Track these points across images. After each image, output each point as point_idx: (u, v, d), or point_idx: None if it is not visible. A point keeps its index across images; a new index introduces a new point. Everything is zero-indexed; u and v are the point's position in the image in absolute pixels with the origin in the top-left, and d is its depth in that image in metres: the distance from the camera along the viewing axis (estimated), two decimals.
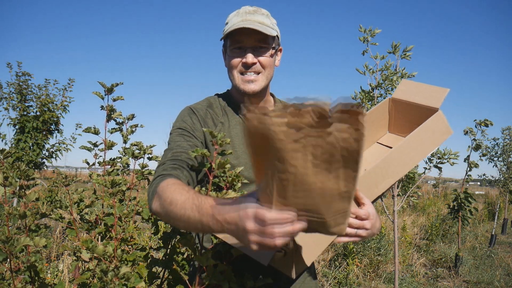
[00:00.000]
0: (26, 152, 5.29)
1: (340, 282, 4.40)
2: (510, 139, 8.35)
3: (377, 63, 3.46)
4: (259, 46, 1.15)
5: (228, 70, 1.20)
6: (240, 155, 1.16)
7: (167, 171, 1.00)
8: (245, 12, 1.17)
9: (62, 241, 4.75)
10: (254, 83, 1.17)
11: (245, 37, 1.14)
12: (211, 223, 0.74)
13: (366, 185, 0.96)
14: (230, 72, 1.19)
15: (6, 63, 5.46)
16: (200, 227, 0.78)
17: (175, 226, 0.90)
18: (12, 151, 1.44)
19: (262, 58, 1.16)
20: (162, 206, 0.89)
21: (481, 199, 14.26)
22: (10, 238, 1.03)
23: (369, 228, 0.91)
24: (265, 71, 1.18)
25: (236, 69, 1.17)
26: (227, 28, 1.16)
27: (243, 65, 1.15)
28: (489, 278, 4.97)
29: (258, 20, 1.14)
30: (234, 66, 1.17)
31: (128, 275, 0.87)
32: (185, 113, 1.20)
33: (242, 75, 1.17)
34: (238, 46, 1.15)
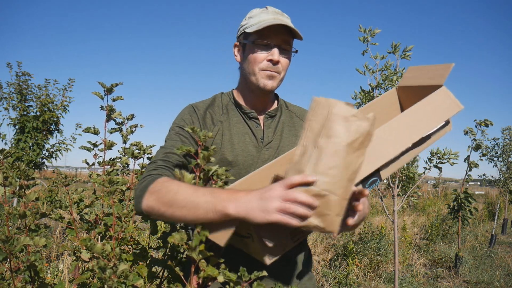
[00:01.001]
0: (26, 152, 5.29)
1: (340, 282, 4.41)
2: (510, 139, 8.35)
3: (377, 63, 3.46)
4: (283, 46, 1.16)
5: (248, 64, 1.17)
6: (238, 153, 1.16)
7: (157, 171, 1.01)
8: (274, 11, 1.17)
9: (62, 241, 4.75)
10: (273, 81, 1.16)
11: (274, 34, 1.14)
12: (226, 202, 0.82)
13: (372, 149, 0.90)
14: (251, 66, 1.17)
15: (6, 63, 5.47)
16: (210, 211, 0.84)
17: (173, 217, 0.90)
18: (12, 151, 1.45)
19: (284, 59, 1.16)
20: (160, 199, 0.91)
21: (481, 199, 14.26)
22: (10, 237, 1.03)
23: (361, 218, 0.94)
24: (282, 72, 1.18)
25: (259, 64, 1.15)
26: (255, 22, 1.15)
27: (269, 61, 1.14)
28: (489, 278, 4.97)
29: (287, 22, 1.14)
30: (258, 61, 1.15)
31: (126, 272, 0.87)
32: (186, 111, 1.21)
33: (264, 71, 1.16)
34: (266, 43, 1.14)
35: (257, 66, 1.15)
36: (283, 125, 1.26)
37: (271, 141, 1.21)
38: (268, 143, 1.20)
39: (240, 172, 1.13)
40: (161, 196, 0.91)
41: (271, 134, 1.22)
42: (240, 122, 1.21)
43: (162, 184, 0.94)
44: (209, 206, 0.84)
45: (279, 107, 1.28)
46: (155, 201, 0.92)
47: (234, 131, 1.19)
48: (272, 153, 1.19)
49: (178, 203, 0.88)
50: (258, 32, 1.14)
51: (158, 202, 0.92)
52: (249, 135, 1.20)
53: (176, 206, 0.88)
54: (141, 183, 0.99)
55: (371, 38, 3.41)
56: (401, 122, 0.98)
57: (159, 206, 0.91)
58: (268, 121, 1.24)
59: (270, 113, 1.24)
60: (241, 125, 1.21)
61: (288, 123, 1.27)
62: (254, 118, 1.22)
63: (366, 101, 3.54)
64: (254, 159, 1.16)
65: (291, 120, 1.28)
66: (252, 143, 1.18)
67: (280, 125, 1.25)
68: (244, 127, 1.21)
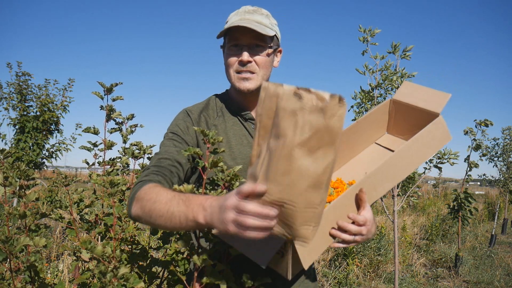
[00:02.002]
0: (26, 152, 5.29)
1: (340, 282, 4.40)
2: (510, 139, 8.35)
3: (377, 63, 3.46)
4: (255, 44, 1.15)
5: (225, 68, 1.20)
6: (237, 156, 1.15)
7: (148, 177, 1.01)
8: (244, 11, 1.17)
9: (62, 241, 4.75)
10: (249, 82, 1.16)
11: (241, 35, 1.14)
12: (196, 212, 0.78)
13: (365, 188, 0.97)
14: (227, 70, 1.19)
15: (6, 63, 5.47)
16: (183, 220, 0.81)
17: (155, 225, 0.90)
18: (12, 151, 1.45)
19: (258, 57, 1.15)
20: (143, 208, 0.90)
21: (481, 199, 14.25)
22: (10, 238, 1.03)
23: (365, 234, 0.96)
24: (260, 70, 1.16)
25: (232, 67, 1.16)
26: (226, 26, 1.16)
27: (239, 63, 1.15)
28: (489, 278, 4.97)
29: (256, 20, 1.14)
30: (231, 64, 1.16)
31: (127, 275, 0.87)
32: (179, 117, 1.20)
33: (238, 73, 1.16)
34: (235, 44, 1.15)
35: (232, 69, 1.17)
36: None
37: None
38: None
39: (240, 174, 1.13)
40: (143, 205, 0.91)
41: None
42: (236, 124, 1.21)
43: (146, 192, 0.93)
44: (182, 216, 0.81)
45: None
46: (140, 209, 0.92)
47: (231, 133, 1.19)
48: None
49: (156, 213, 0.87)
50: (227, 35, 1.16)
51: (142, 210, 0.91)
52: (246, 137, 1.19)
53: (155, 215, 0.87)
54: (132, 190, 0.99)
55: (371, 38, 3.41)
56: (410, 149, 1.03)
57: (143, 215, 0.91)
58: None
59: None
60: (237, 127, 1.20)
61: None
62: (250, 119, 1.21)
63: (366, 101, 3.54)
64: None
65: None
66: (249, 145, 1.18)
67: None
68: (241, 129, 1.20)
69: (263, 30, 1.12)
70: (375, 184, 0.99)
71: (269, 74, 1.21)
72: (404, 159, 1.04)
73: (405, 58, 3.38)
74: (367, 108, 3.55)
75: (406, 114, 1.21)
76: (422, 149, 1.06)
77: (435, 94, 1.13)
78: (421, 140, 1.05)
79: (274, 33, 1.18)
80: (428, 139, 1.06)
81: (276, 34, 1.20)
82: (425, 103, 1.13)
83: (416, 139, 1.04)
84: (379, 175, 1.00)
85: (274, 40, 1.20)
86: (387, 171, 1.01)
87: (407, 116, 1.20)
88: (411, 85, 1.23)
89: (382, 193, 1.03)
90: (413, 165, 1.06)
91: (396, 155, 1.02)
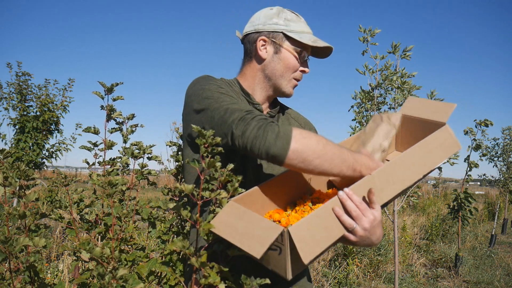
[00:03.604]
0: (26, 152, 5.29)
1: (340, 282, 4.40)
2: (510, 139, 8.35)
3: (377, 63, 3.46)
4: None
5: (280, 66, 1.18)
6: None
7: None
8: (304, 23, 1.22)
9: (62, 241, 4.75)
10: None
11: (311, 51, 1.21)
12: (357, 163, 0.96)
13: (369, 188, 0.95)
14: (284, 71, 1.18)
15: (6, 63, 5.46)
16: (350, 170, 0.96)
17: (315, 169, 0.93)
18: (12, 151, 1.45)
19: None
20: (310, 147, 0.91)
21: (481, 199, 14.25)
22: (9, 238, 1.03)
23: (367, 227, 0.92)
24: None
25: (293, 73, 1.19)
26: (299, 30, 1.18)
27: (302, 71, 1.21)
28: (489, 278, 4.97)
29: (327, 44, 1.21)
30: (293, 69, 1.19)
31: (126, 276, 0.86)
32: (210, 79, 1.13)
33: (296, 80, 1.21)
34: (301, 52, 1.18)
35: (292, 73, 1.19)
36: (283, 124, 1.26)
37: None
38: None
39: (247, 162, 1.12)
40: (312, 144, 0.92)
41: None
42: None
43: (309, 134, 0.94)
44: (351, 163, 0.95)
45: (279, 108, 1.29)
46: (305, 146, 0.91)
47: None
48: None
49: (328, 155, 0.92)
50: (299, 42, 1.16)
51: (308, 149, 0.91)
52: None
53: (325, 157, 0.92)
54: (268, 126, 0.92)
55: (371, 38, 3.41)
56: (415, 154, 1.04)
57: (308, 153, 0.91)
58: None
59: (271, 113, 1.25)
60: None
61: (286, 124, 1.28)
62: (260, 111, 1.20)
63: (366, 101, 3.54)
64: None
65: (288, 121, 1.30)
66: None
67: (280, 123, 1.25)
68: None
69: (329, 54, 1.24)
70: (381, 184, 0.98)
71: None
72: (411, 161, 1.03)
73: (405, 58, 3.38)
74: (367, 108, 3.55)
75: (413, 127, 1.22)
76: (429, 154, 1.06)
77: (440, 105, 1.15)
78: (428, 145, 1.05)
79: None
80: (435, 144, 1.06)
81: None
82: (431, 114, 1.15)
83: (422, 143, 1.04)
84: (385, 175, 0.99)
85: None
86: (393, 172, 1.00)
87: (414, 130, 1.21)
88: (415, 99, 1.25)
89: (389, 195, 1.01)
90: (421, 169, 1.06)
91: (402, 156, 1.02)
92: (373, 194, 0.94)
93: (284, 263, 0.85)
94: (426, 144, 1.05)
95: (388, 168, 1.00)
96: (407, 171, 1.03)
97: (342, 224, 0.90)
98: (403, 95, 3.31)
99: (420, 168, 1.06)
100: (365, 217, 0.92)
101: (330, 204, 0.90)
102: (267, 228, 0.82)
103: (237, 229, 0.85)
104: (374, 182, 0.97)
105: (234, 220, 0.87)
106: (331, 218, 0.90)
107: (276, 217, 0.99)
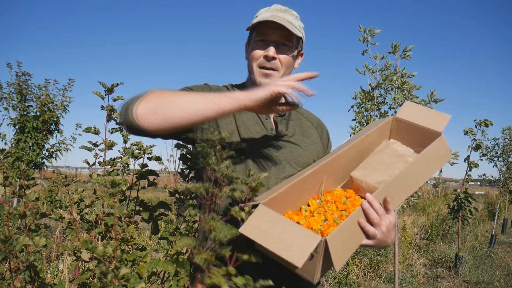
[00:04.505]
0: (26, 152, 5.29)
1: (340, 282, 4.40)
2: (510, 139, 8.35)
3: (377, 63, 3.47)
4: (282, 42, 1.16)
5: (248, 61, 1.20)
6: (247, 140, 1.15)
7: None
8: (276, 9, 1.18)
9: (62, 241, 4.75)
10: (270, 78, 1.16)
11: (271, 30, 1.14)
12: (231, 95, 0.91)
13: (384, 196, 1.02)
14: (250, 64, 1.19)
15: (6, 63, 5.46)
16: (210, 104, 0.89)
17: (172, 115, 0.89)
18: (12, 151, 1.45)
19: (283, 56, 1.16)
20: (156, 101, 0.89)
21: (481, 199, 14.25)
22: (10, 238, 1.03)
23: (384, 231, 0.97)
24: (282, 69, 1.17)
25: (256, 61, 1.16)
26: (255, 20, 1.17)
27: (264, 57, 1.15)
28: (489, 278, 4.97)
29: (287, 19, 1.15)
30: (255, 58, 1.17)
31: (128, 275, 0.86)
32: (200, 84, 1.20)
33: (261, 68, 1.16)
34: (262, 39, 1.15)
35: (255, 62, 1.17)
36: (293, 123, 1.26)
37: (284, 136, 1.21)
38: (281, 137, 1.20)
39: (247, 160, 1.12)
40: (158, 98, 0.90)
41: (285, 129, 1.22)
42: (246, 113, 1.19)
43: (163, 91, 0.94)
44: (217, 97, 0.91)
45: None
46: (152, 103, 0.89)
47: (245, 118, 1.18)
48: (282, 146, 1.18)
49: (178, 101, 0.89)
50: (256, 29, 1.16)
51: (156, 103, 0.88)
52: (258, 124, 1.19)
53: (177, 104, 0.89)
54: (133, 97, 0.95)
55: (371, 38, 3.41)
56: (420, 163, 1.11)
57: (157, 105, 0.88)
58: (278, 118, 1.24)
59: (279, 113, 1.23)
60: (251, 114, 1.20)
61: (297, 122, 1.28)
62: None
63: (366, 101, 3.54)
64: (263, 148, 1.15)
65: (300, 120, 1.29)
66: (262, 132, 1.18)
67: (291, 123, 1.25)
68: (254, 116, 1.20)
69: (293, 30, 1.13)
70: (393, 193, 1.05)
71: (289, 74, 1.20)
72: (416, 172, 1.10)
73: (405, 58, 3.38)
74: (367, 108, 3.55)
75: (408, 132, 1.26)
76: (428, 164, 1.12)
77: (435, 115, 1.21)
78: (429, 155, 1.12)
79: (301, 35, 1.19)
80: (434, 155, 1.13)
81: (302, 37, 1.21)
82: (428, 122, 1.19)
83: (424, 155, 1.11)
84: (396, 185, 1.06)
85: (299, 42, 1.21)
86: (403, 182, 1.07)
87: (408, 134, 1.26)
88: (412, 105, 1.28)
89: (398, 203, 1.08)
90: (423, 178, 1.13)
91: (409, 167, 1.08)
92: (388, 202, 1.00)
93: (314, 268, 0.89)
94: (427, 154, 1.11)
95: (400, 178, 1.06)
96: (413, 179, 1.10)
97: (365, 233, 0.97)
98: (403, 95, 3.31)
99: (422, 177, 1.13)
100: (383, 221, 0.97)
101: (356, 215, 0.96)
102: (306, 237, 0.84)
103: (272, 236, 0.85)
104: (389, 190, 1.03)
105: (268, 225, 0.87)
106: (356, 228, 0.97)
107: (296, 218, 1.02)
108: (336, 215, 1.02)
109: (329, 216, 1.01)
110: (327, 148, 1.33)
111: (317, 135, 1.29)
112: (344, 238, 0.91)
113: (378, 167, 1.19)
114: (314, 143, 1.25)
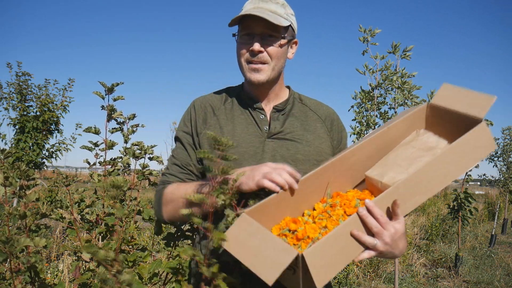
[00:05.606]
0: (26, 152, 5.29)
1: (340, 282, 4.40)
2: (510, 139, 8.35)
3: (377, 63, 3.46)
4: (268, 34, 1.11)
5: (237, 57, 1.16)
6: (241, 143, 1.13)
7: (168, 179, 1.16)
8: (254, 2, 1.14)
9: (62, 241, 4.75)
10: (260, 73, 1.12)
11: (254, 23, 1.09)
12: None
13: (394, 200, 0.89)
14: (238, 60, 1.15)
15: (6, 63, 5.46)
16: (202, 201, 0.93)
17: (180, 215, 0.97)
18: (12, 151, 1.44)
19: (270, 48, 1.11)
20: (169, 208, 1.11)
21: (481, 199, 14.25)
22: (10, 238, 1.02)
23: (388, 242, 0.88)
24: (272, 61, 1.13)
25: (243, 56, 1.13)
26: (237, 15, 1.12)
27: (250, 53, 1.11)
28: (489, 278, 4.97)
29: (270, 9, 1.10)
30: (242, 54, 1.13)
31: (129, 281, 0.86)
32: (186, 112, 1.24)
33: (249, 63, 1.12)
34: (247, 33, 1.11)
35: (243, 58, 1.13)
36: (293, 118, 1.20)
37: (278, 133, 1.16)
38: (273, 135, 1.16)
39: (241, 163, 1.09)
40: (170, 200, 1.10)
41: (279, 126, 1.17)
42: (244, 113, 1.18)
43: (171, 191, 1.11)
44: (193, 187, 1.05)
45: (290, 100, 1.24)
46: (171, 209, 1.10)
47: (237, 121, 1.16)
48: (278, 144, 1.14)
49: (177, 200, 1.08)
50: (240, 24, 1.13)
51: (171, 206, 1.10)
52: (252, 126, 1.16)
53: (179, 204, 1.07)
54: (156, 196, 1.16)
55: (371, 38, 3.41)
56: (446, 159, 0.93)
57: (173, 210, 1.09)
58: (275, 114, 1.19)
59: (277, 107, 1.20)
60: (244, 116, 1.18)
61: (300, 116, 1.22)
62: (259, 108, 1.19)
63: (366, 101, 3.54)
64: (257, 150, 1.13)
65: (304, 114, 1.23)
66: (255, 133, 1.15)
67: (290, 118, 1.20)
68: (248, 117, 1.18)
69: (276, 20, 1.08)
70: (404, 196, 0.90)
71: (281, 66, 1.17)
72: (439, 170, 0.93)
73: (405, 58, 3.38)
74: (367, 108, 3.55)
75: (445, 120, 1.08)
76: (461, 158, 0.95)
77: (477, 97, 1.01)
78: (460, 148, 0.94)
79: (289, 24, 1.13)
80: (469, 147, 0.95)
81: (292, 24, 1.15)
82: (466, 107, 1.01)
83: (453, 148, 0.93)
84: (409, 186, 0.90)
85: (289, 30, 1.15)
86: (420, 182, 0.91)
87: (445, 123, 1.08)
88: (450, 87, 1.10)
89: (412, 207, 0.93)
90: (450, 176, 0.95)
91: (429, 165, 0.92)
92: (397, 206, 0.88)
93: (297, 283, 0.82)
94: (459, 147, 0.93)
95: (417, 176, 0.91)
96: (436, 177, 0.93)
97: (362, 244, 0.86)
98: (403, 95, 3.31)
99: (451, 173, 0.95)
100: (386, 231, 0.87)
101: (346, 225, 0.84)
102: (282, 251, 0.76)
103: (249, 248, 0.80)
104: (399, 192, 0.89)
105: (246, 236, 0.82)
106: (348, 239, 0.84)
107: (292, 226, 0.93)
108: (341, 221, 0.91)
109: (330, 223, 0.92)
110: (340, 143, 1.24)
111: (325, 128, 1.22)
112: (330, 252, 0.80)
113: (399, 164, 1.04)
114: (319, 138, 1.19)
